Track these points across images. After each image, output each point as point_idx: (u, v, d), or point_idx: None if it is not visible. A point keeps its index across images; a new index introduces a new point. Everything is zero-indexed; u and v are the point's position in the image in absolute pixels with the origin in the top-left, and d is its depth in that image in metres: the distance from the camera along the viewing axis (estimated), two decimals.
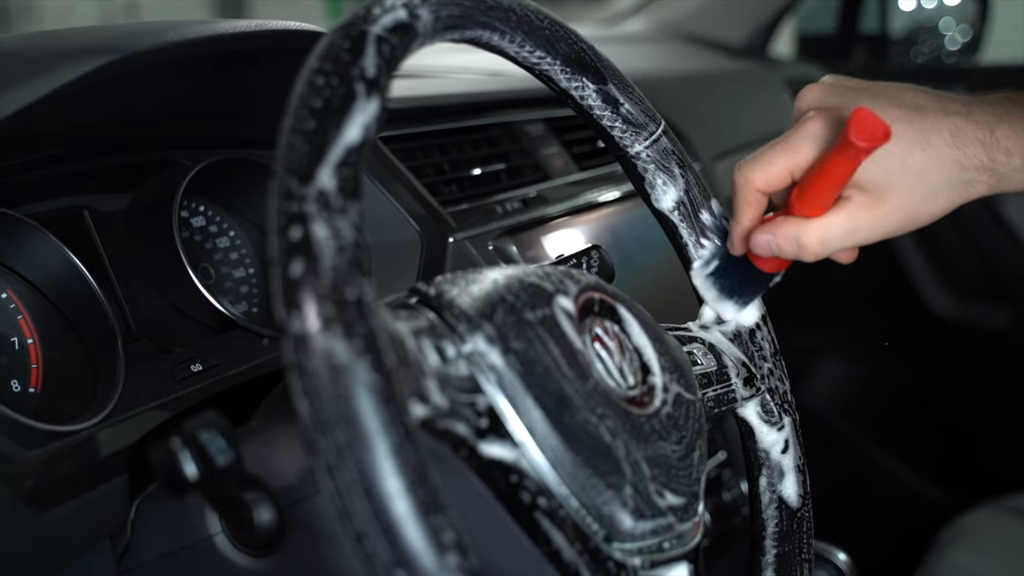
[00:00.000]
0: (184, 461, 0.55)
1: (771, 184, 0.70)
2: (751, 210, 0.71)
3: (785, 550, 0.78)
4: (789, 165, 0.69)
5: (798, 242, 0.69)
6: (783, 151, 0.69)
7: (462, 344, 0.58)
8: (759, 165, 0.70)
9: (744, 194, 0.71)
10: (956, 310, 2.09)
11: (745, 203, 0.71)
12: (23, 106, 0.64)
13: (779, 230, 0.70)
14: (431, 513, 0.46)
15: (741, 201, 0.71)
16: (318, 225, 0.48)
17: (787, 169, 0.69)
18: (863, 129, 0.62)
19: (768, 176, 0.70)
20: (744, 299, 0.77)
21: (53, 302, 0.78)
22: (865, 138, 0.62)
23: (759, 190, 0.70)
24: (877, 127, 0.62)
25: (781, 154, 0.69)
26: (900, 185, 0.68)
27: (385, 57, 0.55)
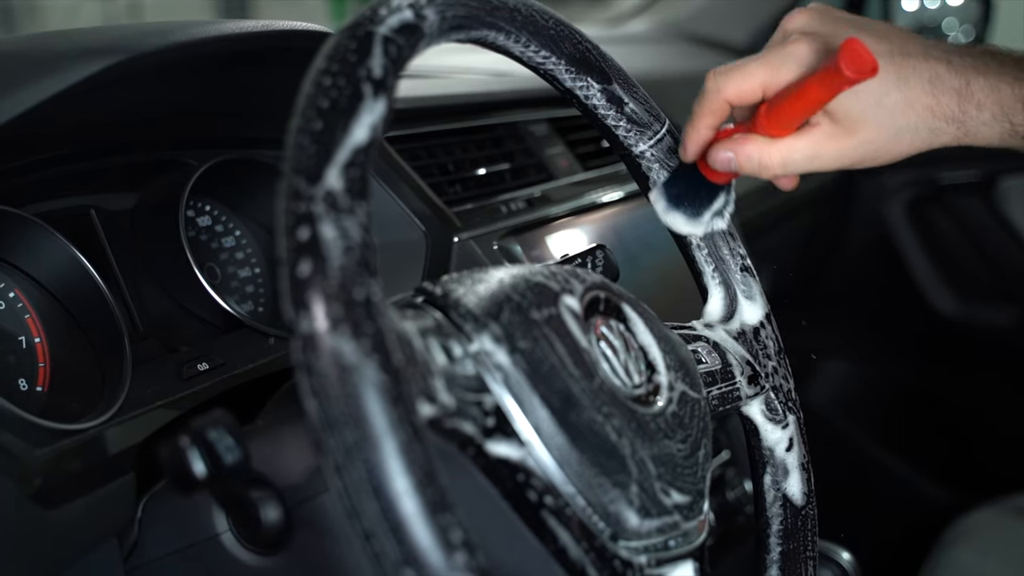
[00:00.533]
0: (192, 459, 0.55)
1: (742, 97, 0.70)
2: (712, 119, 0.71)
3: (790, 548, 0.78)
4: (765, 81, 0.69)
5: (759, 161, 0.69)
6: (762, 65, 0.69)
7: (469, 343, 0.59)
8: (735, 76, 0.69)
9: (710, 101, 0.70)
10: (959, 310, 2.09)
11: (709, 111, 0.71)
12: (31, 106, 0.64)
13: (741, 147, 0.69)
14: (439, 512, 0.47)
15: (705, 108, 0.71)
16: (326, 225, 0.49)
17: (762, 84, 0.69)
18: (853, 60, 0.62)
19: (741, 88, 0.69)
20: (693, 210, 0.76)
21: (60, 301, 0.79)
22: (854, 69, 0.62)
23: (727, 100, 0.70)
24: (867, 60, 0.62)
25: (759, 68, 0.69)
26: (871, 121, 0.69)
27: (392, 58, 0.56)
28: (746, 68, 0.69)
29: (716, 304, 0.80)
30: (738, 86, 0.69)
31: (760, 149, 0.69)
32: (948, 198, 2.04)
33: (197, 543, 0.69)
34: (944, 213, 2.06)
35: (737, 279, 0.79)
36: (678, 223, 0.77)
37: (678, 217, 0.77)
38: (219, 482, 0.56)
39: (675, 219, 0.77)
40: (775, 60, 0.69)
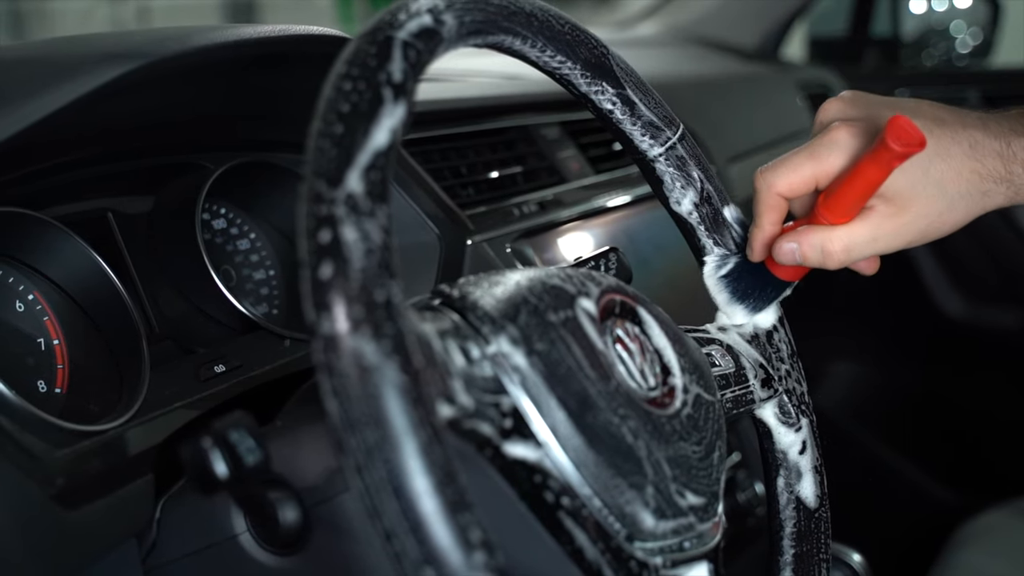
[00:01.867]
0: (214, 460, 0.56)
1: (794, 190, 0.71)
2: (772, 215, 0.72)
3: (803, 550, 0.78)
4: (815, 172, 0.70)
5: (823, 249, 0.70)
6: (809, 158, 0.70)
7: (486, 345, 0.59)
8: (783, 171, 0.71)
9: (766, 199, 0.72)
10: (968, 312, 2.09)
11: (767, 208, 0.72)
12: (52, 111, 0.65)
13: (804, 238, 0.71)
14: (459, 512, 0.47)
15: (763, 206, 0.72)
16: (347, 228, 0.49)
17: (813, 176, 0.70)
18: (900, 135, 0.63)
19: (792, 182, 0.71)
20: (758, 305, 0.78)
21: (78, 303, 0.79)
22: (903, 143, 0.63)
23: (781, 195, 0.71)
24: (914, 134, 0.63)
25: (807, 160, 0.70)
26: (922, 195, 0.70)
27: (411, 62, 0.56)
28: (793, 161, 0.71)
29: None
30: (788, 180, 0.71)
31: (823, 238, 0.70)
32: None
33: (215, 544, 0.69)
34: None
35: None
36: (738, 316, 0.78)
37: (739, 310, 0.78)
38: (240, 483, 0.57)
39: (736, 312, 0.78)
40: (821, 150, 0.70)
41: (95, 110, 0.70)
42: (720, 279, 0.77)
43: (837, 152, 0.70)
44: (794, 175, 0.71)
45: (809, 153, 0.71)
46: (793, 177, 0.71)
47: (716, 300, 0.78)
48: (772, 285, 0.77)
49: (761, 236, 0.73)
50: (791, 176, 0.71)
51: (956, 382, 2.13)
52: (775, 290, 0.77)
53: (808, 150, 0.71)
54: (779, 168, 0.71)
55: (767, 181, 0.71)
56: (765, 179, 0.72)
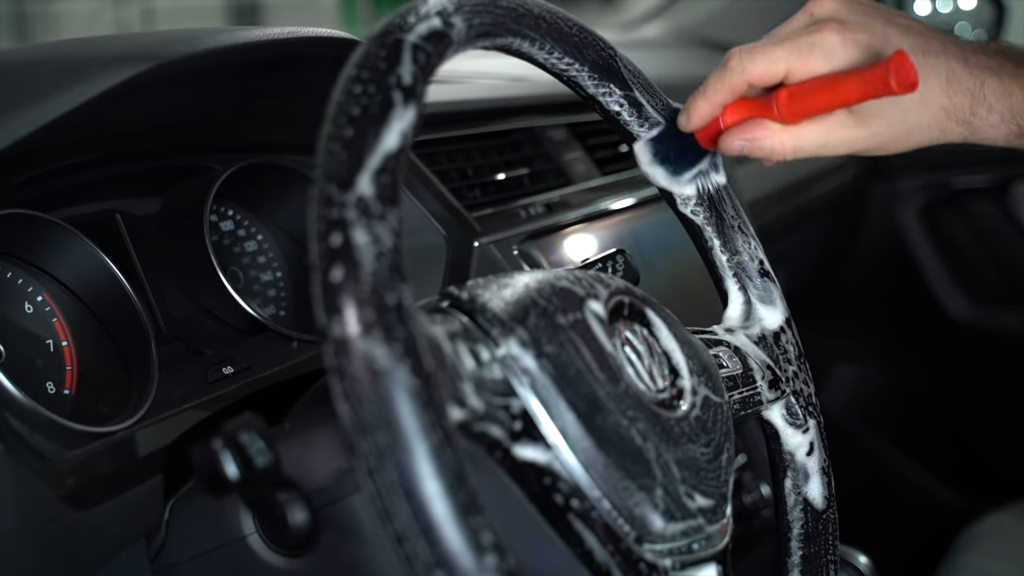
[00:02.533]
0: (225, 462, 0.56)
1: (764, 79, 0.69)
2: (727, 96, 0.70)
3: (811, 551, 0.78)
4: (792, 67, 0.68)
5: (771, 149, 0.69)
6: (791, 51, 0.68)
7: (496, 348, 0.59)
8: (760, 59, 0.68)
9: (730, 80, 0.69)
10: (973, 313, 2.09)
11: (727, 88, 0.70)
12: (63, 113, 0.65)
13: (753, 134, 0.69)
14: (470, 515, 0.47)
15: (724, 84, 0.69)
16: (358, 231, 0.49)
17: (787, 70, 0.68)
18: (900, 74, 0.62)
19: (766, 70, 0.68)
20: (678, 168, 0.76)
21: (87, 305, 0.79)
22: (901, 83, 0.62)
23: (748, 81, 0.69)
24: (912, 75, 0.62)
25: (789, 53, 0.68)
26: (886, 116, 0.69)
27: (421, 65, 0.56)
28: (773, 52, 0.68)
29: (736, 309, 0.80)
30: (764, 68, 0.68)
31: (773, 136, 0.69)
32: (961, 202, 2.05)
33: (224, 545, 0.69)
34: (957, 217, 2.06)
35: (757, 284, 0.80)
36: (660, 178, 0.76)
37: (660, 172, 0.76)
38: (250, 485, 0.57)
39: (657, 173, 0.76)
40: (804, 47, 0.67)
41: (104, 112, 0.70)
42: (644, 143, 0.75)
43: (822, 56, 0.67)
44: (770, 66, 0.68)
45: (792, 47, 0.68)
46: (768, 66, 0.68)
47: (639, 162, 0.76)
48: (694, 151, 0.75)
49: (706, 111, 0.71)
50: (766, 64, 0.68)
51: (961, 383, 2.13)
52: (696, 156, 0.75)
53: (792, 43, 0.68)
54: (757, 54, 0.68)
55: (741, 64, 0.68)
56: (740, 62, 0.68)
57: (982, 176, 1.99)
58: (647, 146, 0.76)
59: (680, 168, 0.76)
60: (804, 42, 0.68)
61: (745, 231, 0.79)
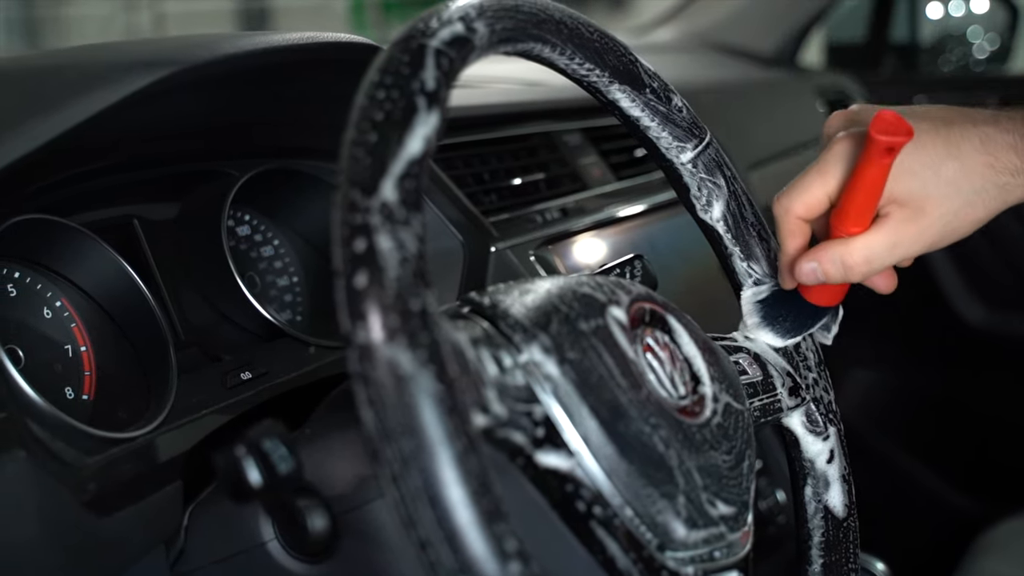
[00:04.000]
0: (248, 468, 0.56)
1: (811, 210, 0.70)
2: (795, 240, 0.72)
3: (832, 560, 0.78)
4: (825, 188, 0.70)
5: (843, 263, 0.69)
6: (817, 175, 0.70)
7: (518, 354, 0.59)
8: (796, 193, 0.70)
9: (786, 224, 0.71)
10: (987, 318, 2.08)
11: (789, 234, 0.72)
12: (85, 118, 0.65)
13: (822, 254, 0.70)
14: (494, 521, 0.47)
15: (784, 232, 0.72)
16: (382, 237, 0.49)
17: (824, 193, 0.70)
18: (885, 126, 0.62)
19: (807, 203, 0.70)
20: (791, 332, 0.77)
21: (105, 310, 0.79)
22: (888, 133, 0.62)
23: (800, 218, 0.71)
24: (899, 125, 0.63)
25: (816, 179, 0.70)
26: (936, 195, 0.69)
27: (444, 70, 0.56)
28: (804, 182, 0.70)
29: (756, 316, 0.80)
30: (803, 201, 0.70)
31: (841, 251, 0.69)
32: None
33: (243, 551, 0.69)
34: None
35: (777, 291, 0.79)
36: (769, 340, 0.77)
37: (771, 335, 0.77)
38: (272, 492, 0.57)
39: (767, 336, 0.77)
40: (825, 165, 0.70)
41: (123, 117, 0.70)
42: (755, 304, 0.77)
43: (840, 163, 0.69)
44: (808, 195, 0.70)
45: (817, 171, 0.70)
46: (807, 197, 0.70)
47: (747, 323, 0.78)
48: (806, 312, 0.76)
49: (787, 261, 0.73)
50: (805, 196, 0.70)
51: (975, 388, 2.12)
52: (809, 317, 0.76)
53: (816, 168, 0.70)
54: (792, 191, 0.71)
55: (784, 207, 0.71)
56: (782, 205, 0.71)
57: None
58: (755, 309, 0.77)
59: (790, 330, 0.77)
60: (824, 161, 0.70)
61: (765, 238, 0.79)
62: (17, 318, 0.75)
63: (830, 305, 0.75)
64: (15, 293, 0.75)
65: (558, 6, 0.68)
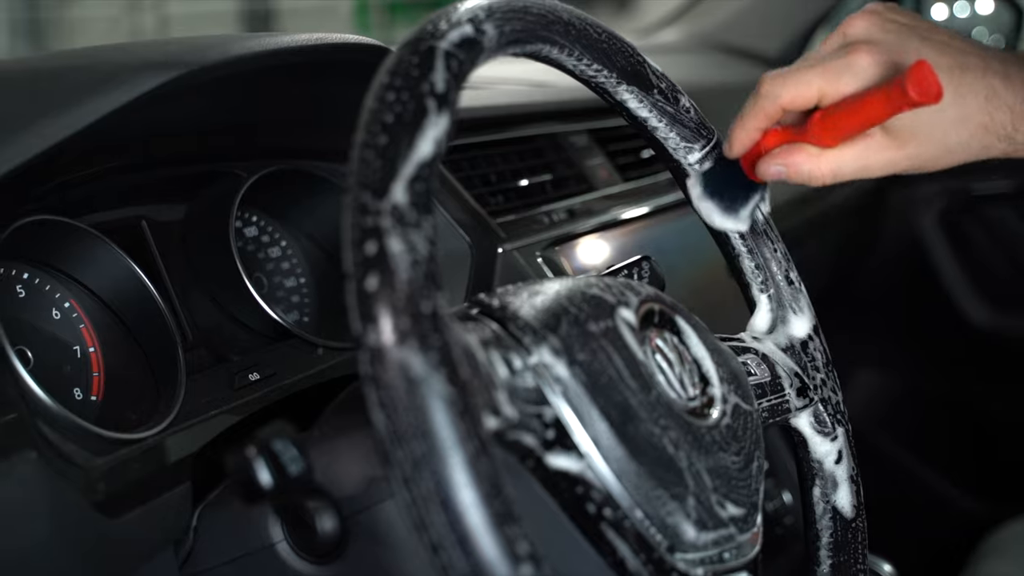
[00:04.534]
0: (259, 469, 0.56)
1: (797, 104, 0.68)
2: (763, 122, 0.70)
3: (840, 560, 0.78)
4: (824, 90, 0.67)
5: (810, 172, 0.69)
6: (822, 74, 0.67)
7: (528, 356, 0.59)
8: (792, 82, 0.68)
9: (764, 105, 0.69)
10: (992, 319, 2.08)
11: (762, 114, 0.69)
12: (96, 119, 0.65)
13: (791, 159, 0.69)
14: (506, 524, 0.47)
15: (758, 110, 0.69)
16: (393, 239, 0.49)
17: (820, 93, 0.68)
18: (920, 83, 0.61)
19: (798, 95, 0.68)
20: (729, 204, 0.76)
21: (114, 311, 0.79)
22: (920, 92, 0.61)
23: (782, 106, 0.69)
24: (933, 84, 0.61)
25: (818, 77, 0.68)
26: (924, 135, 0.68)
27: (453, 72, 0.56)
28: (805, 76, 0.68)
29: (763, 316, 0.80)
30: (795, 93, 0.68)
31: (811, 160, 0.69)
32: (981, 208, 2.04)
33: (252, 552, 0.69)
34: (977, 223, 2.05)
35: (784, 292, 0.79)
36: (713, 215, 0.76)
37: (712, 208, 0.76)
38: (283, 493, 0.57)
39: (709, 209, 0.76)
40: (835, 69, 0.67)
41: (132, 118, 0.70)
42: (696, 178, 0.76)
43: (851, 76, 0.67)
44: (802, 89, 0.68)
45: (823, 70, 0.68)
46: (802, 91, 0.68)
47: (691, 197, 0.76)
48: (743, 185, 0.75)
49: (745, 138, 0.71)
50: (800, 89, 0.68)
51: (981, 389, 2.12)
52: (746, 190, 0.75)
53: (822, 67, 0.68)
54: (788, 79, 0.68)
55: (773, 90, 0.68)
56: (772, 87, 0.69)
57: (1002, 182, 1.98)
58: (698, 181, 0.76)
59: (733, 203, 0.76)
60: (835, 64, 0.68)
61: (772, 238, 0.79)
62: (26, 319, 0.75)
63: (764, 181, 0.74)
64: (24, 294, 0.76)
65: (566, 7, 0.68)
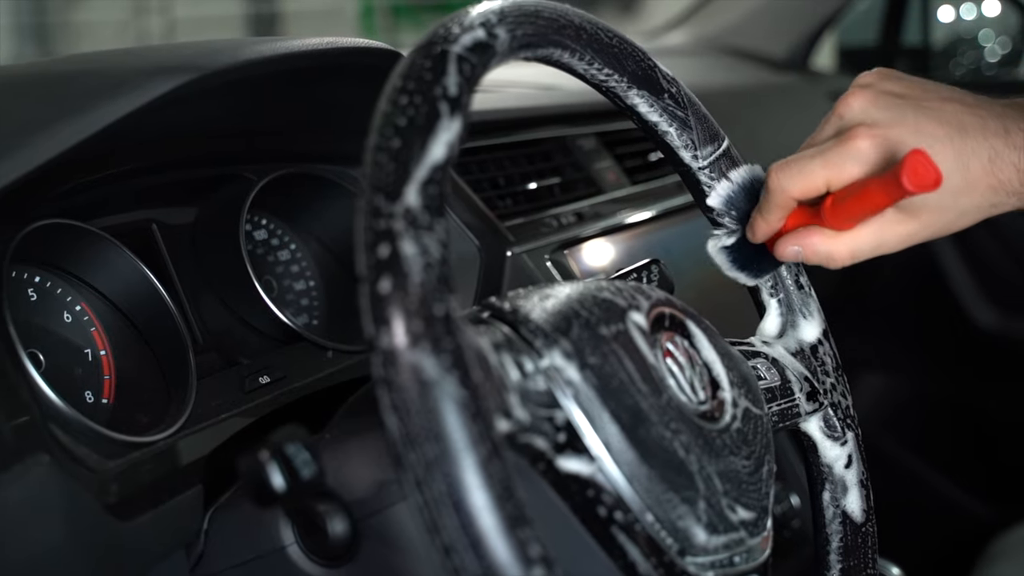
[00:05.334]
0: (272, 473, 0.56)
1: (807, 194, 0.70)
2: (780, 213, 0.71)
3: (850, 565, 0.78)
4: (829, 179, 0.69)
5: (827, 254, 0.70)
6: (824, 165, 0.69)
7: (539, 359, 0.59)
8: (797, 174, 0.69)
9: (776, 198, 0.70)
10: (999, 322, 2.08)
11: (776, 206, 0.71)
12: (111, 122, 0.65)
13: (808, 241, 0.70)
14: (518, 527, 0.47)
15: (772, 204, 0.71)
16: (406, 242, 0.49)
17: (826, 182, 0.69)
18: (916, 173, 0.62)
19: (805, 186, 0.69)
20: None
21: (125, 314, 0.80)
22: (916, 184, 0.62)
23: (792, 197, 0.70)
24: (930, 173, 0.62)
25: (822, 167, 0.69)
26: (933, 205, 0.69)
27: (466, 76, 0.56)
28: (808, 166, 0.69)
29: (773, 320, 0.80)
30: (803, 186, 0.69)
31: (828, 242, 0.70)
32: None
33: (263, 555, 0.69)
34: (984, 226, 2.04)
35: (794, 296, 0.79)
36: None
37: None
38: (295, 496, 0.57)
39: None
40: (837, 158, 0.68)
41: (144, 122, 0.70)
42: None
43: (854, 163, 0.68)
44: (809, 181, 0.69)
45: (824, 161, 0.69)
46: (808, 183, 0.69)
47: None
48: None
49: (766, 227, 0.72)
50: (806, 181, 0.69)
51: (989, 393, 2.12)
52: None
53: (823, 157, 0.69)
54: (792, 171, 0.69)
55: (780, 184, 0.70)
56: (779, 181, 0.70)
57: None
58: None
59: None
60: (836, 153, 0.69)
61: None
62: (38, 322, 0.75)
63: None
64: (35, 297, 0.76)
65: (577, 11, 0.69)
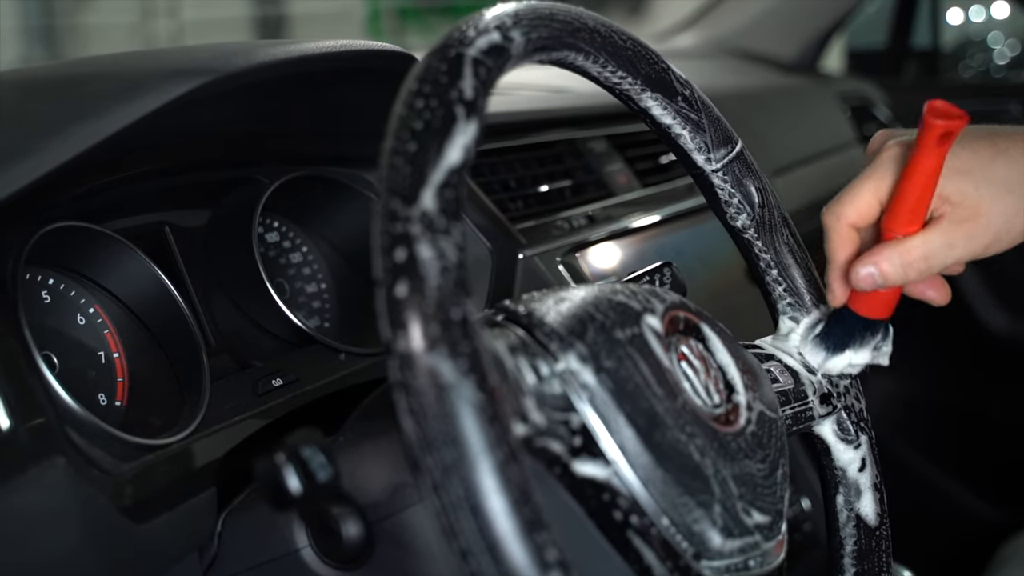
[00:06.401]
0: (288, 476, 0.56)
1: (862, 216, 0.70)
2: (845, 249, 0.71)
3: (864, 568, 0.78)
4: (877, 193, 0.69)
5: (901, 262, 0.67)
6: (866, 180, 0.69)
7: (555, 363, 0.59)
8: (847, 200, 0.70)
9: (837, 232, 0.70)
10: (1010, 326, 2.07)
11: (840, 242, 0.71)
12: (124, 126, 0.65)
13: (879, 256, 0.68)
14: (535, 531, 0.47)
15: (836, 242, 0.71)
16: (423, 246, 0.49)
17: (876, 198, 0.69)
18: (940, 111, 0.61)
19: (858, 208, 0.69)
20: (857, 351, 0.75)
21: (138, 316, 0.80)
22: (944, 116, 0.61)
23: (851, 225, 0.70)
24: (953, 110, 0.62)
25: (866, 184, 0.69)
26: (988, 194, 0.68)
27: (481, 79, 0.56)
28: (853, 190, 0.69)
29: (787, 323, 0.80)
30: (854, 208, 0.69)
31: (898, 251, 0.68)
32: None
33: (277, 558, 0.69)
34: None
35: (807, 299, 0.79)
36: (839, 366, 0.76)
37: (840, 361, 0.75)
38: (311, 499, 0.57)
39: (837, 364, 0.75)
40: (876, 171, 0.69)
41: (158, 125, 0.70)
42: (813, 340, 0.76)
43: (891, 166, 0.69)
44: (860, 200, 0.69)
45: (866, 176, 0.69)
46: (859, 203, 0.69)
47: (813, 363, 0.76)
48: (863, 326, 0.74)
49: (838, 272, 0.71)
50: (856, 203, 0.69)
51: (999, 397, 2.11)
52: (870, 332, 0.74)
53: (865, 174, 0.70)
54: (843, 199, 0.70)
55: (835, 215, 0.70)
56: (833, 213, 0.70)
57: None
58: (818, 345, 0.75)
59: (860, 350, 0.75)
60: (872, 167, 0.69)
61: (795, 245, 0.79)
62: (51, 325, 0.75)
63: (882, 317, 0.73)
64: (49, 300, 0.76)
65: (591, 14, 0.68)
